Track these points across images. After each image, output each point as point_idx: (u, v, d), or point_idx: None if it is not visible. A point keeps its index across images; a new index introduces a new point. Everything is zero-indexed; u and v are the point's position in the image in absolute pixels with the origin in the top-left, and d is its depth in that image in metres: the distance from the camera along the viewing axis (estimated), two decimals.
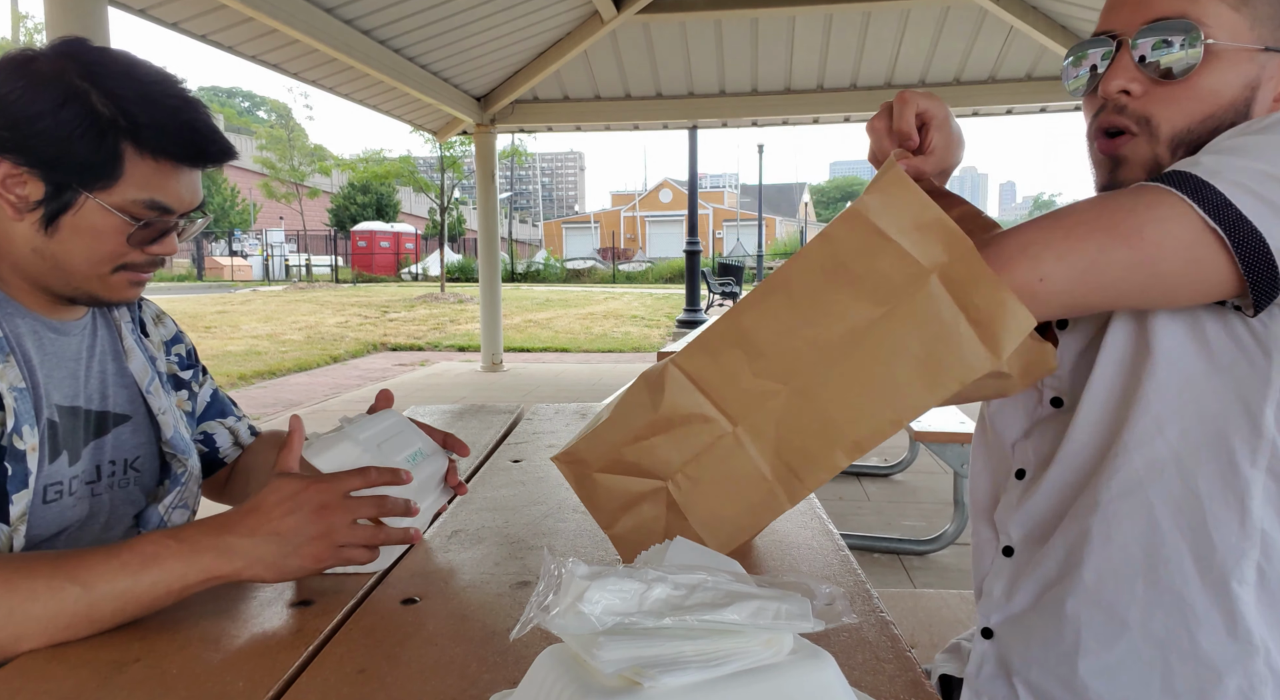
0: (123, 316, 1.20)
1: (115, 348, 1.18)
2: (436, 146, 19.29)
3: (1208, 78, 0.86)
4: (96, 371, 1.13)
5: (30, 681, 0.78)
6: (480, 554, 1.12)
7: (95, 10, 3.79)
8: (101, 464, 1.12)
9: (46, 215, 0.99)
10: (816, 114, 8.35)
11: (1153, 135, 0.89)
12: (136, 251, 1.05)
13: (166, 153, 1.02)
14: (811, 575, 1.00)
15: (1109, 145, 0.91)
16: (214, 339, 11.84)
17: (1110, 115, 0.90)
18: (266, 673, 0.79)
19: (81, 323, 1.13)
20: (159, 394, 1.19)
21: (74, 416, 1.09)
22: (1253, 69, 0.87)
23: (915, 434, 3.51)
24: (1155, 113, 0.88)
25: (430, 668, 0.81)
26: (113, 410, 1.14)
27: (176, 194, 1.04)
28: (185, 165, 1.04)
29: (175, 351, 1.29)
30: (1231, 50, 0.86)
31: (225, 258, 34.23)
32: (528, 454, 1.67)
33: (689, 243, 13.43)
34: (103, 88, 0.98)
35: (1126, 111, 0.89)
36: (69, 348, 1.11)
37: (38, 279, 1.04)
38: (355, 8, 5.47)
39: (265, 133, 32.89)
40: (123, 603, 0.85)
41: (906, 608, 1.63)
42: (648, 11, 6.89)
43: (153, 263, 1.08)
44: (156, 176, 1.02)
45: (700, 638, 0.52)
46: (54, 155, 0.97)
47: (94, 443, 1.11)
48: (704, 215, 50.38)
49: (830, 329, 0.81)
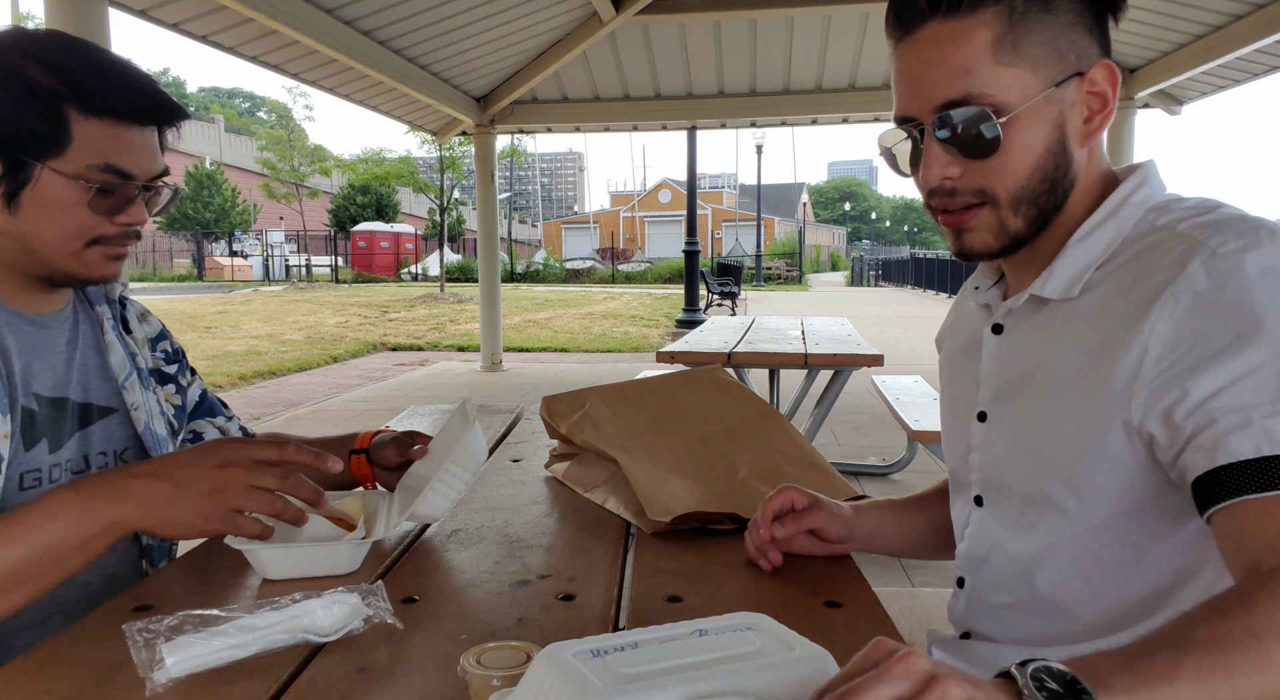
0: (105, 312, 1.21)
1: (98, 341, 1.19)
2: (436, 147, 19.29)
3: (1017, 140, 0.86)
4: (79, 364, 1.14)
5: (30, 681, 0.78)
6: (480, 553, 1.12)
7: (95, 11, 3.79)
8: (90, 454, 1.13)
9: (7, 193, 1.01)
10: (815, 115, 8.36)
11: (994, 203, 0.89)
12: (105, 222, 1.05)
13: (112, 112, 1.03)
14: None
15: (952, 219, 0.92)
16: (214, 339, 11.84)
17: (944, 198, 0.91)
18: (266, 672, 0.79)
19: (62, 315, 1.14)
20: (135, 389, 1.19)
21: (58, 407, 1.09)
22: (1053, 110, 0.87)
23: (913, 433, 3.51)
24: (985, 184, 0.88)
25: (430, 667, 0.81)
26: (96, 402, 1.15)
27: (132, 157, 1.05)
28: (134, 124, 1.05)
29: (160, 348, 1.30)
30: (1029, 106, 0.86)
31: (225, 258, 34.20)
32: (527, 454, 1.67)
33: (688, 243, 13.42)
34: (38, 60, 1.00)
35: (958, 193, 0.90)
36: (51, 340, 1.12)
37: (13, 265, 1.06)
38: (355, 9, 5.47)
39: (265, 133, 32.87)
40: (19, 564, 0.87)
41: (905, 606, 1.63)
42: (647, 12, 6.89)
43: (126, 235, 1.08)
44: (107, 139, 1.03)
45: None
46: (1, 132, 0.99)
47: (80, 433, 1.12)
48: (703, 215, 50.37)
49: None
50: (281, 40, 5.55)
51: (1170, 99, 7.68)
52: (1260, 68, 6.75)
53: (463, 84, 7.68)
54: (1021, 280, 0.98)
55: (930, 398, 4.24)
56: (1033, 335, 0.95)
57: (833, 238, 77.26)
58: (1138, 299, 0.84)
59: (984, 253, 0.93)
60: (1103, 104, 0.88)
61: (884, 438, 5.61)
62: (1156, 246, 0.85)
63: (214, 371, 8.81)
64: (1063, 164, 0.89)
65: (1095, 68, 0.87)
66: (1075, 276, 0.90)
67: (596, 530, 1.22)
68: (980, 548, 1.02)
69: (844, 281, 39.64)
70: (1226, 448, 0.74)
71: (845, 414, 6.15)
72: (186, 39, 5.14)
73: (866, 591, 1.01)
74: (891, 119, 0.94)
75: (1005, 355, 0.99)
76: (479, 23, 6.43)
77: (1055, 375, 0.91)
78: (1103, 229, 0.90)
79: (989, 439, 1.00)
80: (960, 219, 0.92)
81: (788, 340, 4.53)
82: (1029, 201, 0.89)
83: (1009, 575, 0.98)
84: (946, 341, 1.16)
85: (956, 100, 0.86)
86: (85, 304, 1.20)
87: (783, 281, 34.60)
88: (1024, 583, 0.96)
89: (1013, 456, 0.96)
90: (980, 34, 0.84)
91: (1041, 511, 0.93)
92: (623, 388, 1.53)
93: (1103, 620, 0.91)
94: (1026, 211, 0.90)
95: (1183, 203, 0.89)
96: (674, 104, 8.36)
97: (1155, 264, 0.84)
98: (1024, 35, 0.85)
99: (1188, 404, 0.78)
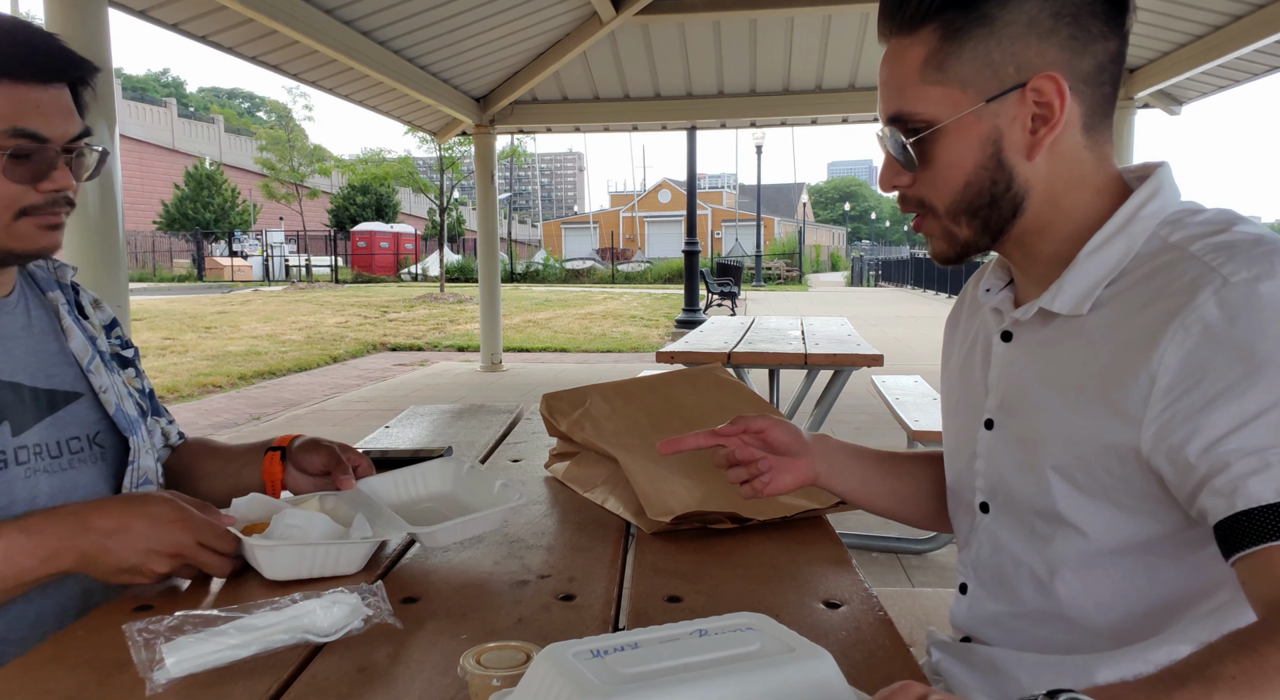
0: (58, 299, 1.19)
1: (54, 327, 1.17)
2: (436, 147, 19.29)
3: (945, 154, 0.89)
4: (35, 351, 1.13)
5: (30, 681, 0.78)
6: (480, 553, 1.12)
7: (95, 11, 3.79)
8: (62, 439, 1.12)
9: None
10: (815, 115, 8.35)
11: (934, 213, 0.93)
12: (30, 191, 1.03)
13: (8, 73, 1.00)
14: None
15: (915, 225, 0.97)
16: (214, 339, 11.84)
17: (901, 203, 0.97)
18: (266, 672, 0.79)
19: (10, 301, 1.13)
20: (100, 372, 1.18)
21: (15, 391, 1.08)
22: (984, 125, 0.87)
23: (913, 433, 3.51)
24: (925, 195, 0.93)
25: (430, 667, 0.81)
26: (60, 388, 1.14)
27: (42, 119, 1.02)
28: (37, 83, 1.02)
29: (115, 334, 1.29)
30: (954, 122, 0.87)
31: (225, 258, 34.19)
32: (527, 454, 1.67)
33: (687, 243, 13.43)
34: None
35: (908, 200, 0.95)
36: (1, 325, 1.10)
37: None
38: (355, 9, 5.47)
39: (265, 134, 32.85)
40: None
41: (905, 606, 1.63)
42: (646, 12, 6.89)
43: (55, 203, 1.05)
44: (11, 102, 1.00)
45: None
46: None
47: (49, 418, 1.11)
48: (702, 215, 50.37)
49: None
50: (281, 40, 5.55)
51: (1170, 99, 7.68)
52: (1260, 68, 6.75)
53: (462, 84, 7.68)
54: (1029, 288, 0.98)
55: (930, 398, 4.24)
56: (1040, 348, 0.94)
57: (832, 238, 77.26)
58: (1147, 324, 0.82)
59: (944, 258, 0.96)
60: (1049, 114, 0.86)
61: (884, 438, 5.60)
62: (1167, 268, 0.83)
63: (214, 371, 8.81)
64: (1000, 178, 0.89)
65: (1038, 79, 0.85)
66: (1085, 293, 0.89)
67: (596, 530, 1.22)
68: (988, 555, 1.01)
69: (844, 281, 39.64)
70: (1246, 492, 0.73)
71: (845, 414, 6.15)
72: (186, 39, 5.14)
73: (866, 591, 1.01)
74: None
75: (1013, 365, 0.98)
76: (479, 23, 6.43)
77: (1061, 393, 0.90)
78: (1113, 243, 0.88)
79: (995, 448, 0.99)
80: (916, 225, 0.97)
81: (787, 340, 4.53)
82: (967, 213, 0.91)
83: (1018, 584, 0.97)
84: (959, 333, 1.13)
85: (892, 116, 0.91)
86: (35, 290, 1.19)
87: (782, 281, 34.61)
88: (1034, 593, 0.95)
89: (1019, 469, 0.95)
90: (914, 53, 0.88)
91: (1054, 526, 0.92)
92: (624, 386, 1.53)
93: (1112, 631, 0.90)
94: (969, 222, 0.92)
95: (1196, 217, 0.87)
96: (674, 104, 8.36)
97: (1166, 287, 0.82)
98: (952, 54, 0.86)
99: (1199, 443, 0.76)
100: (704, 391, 1.51)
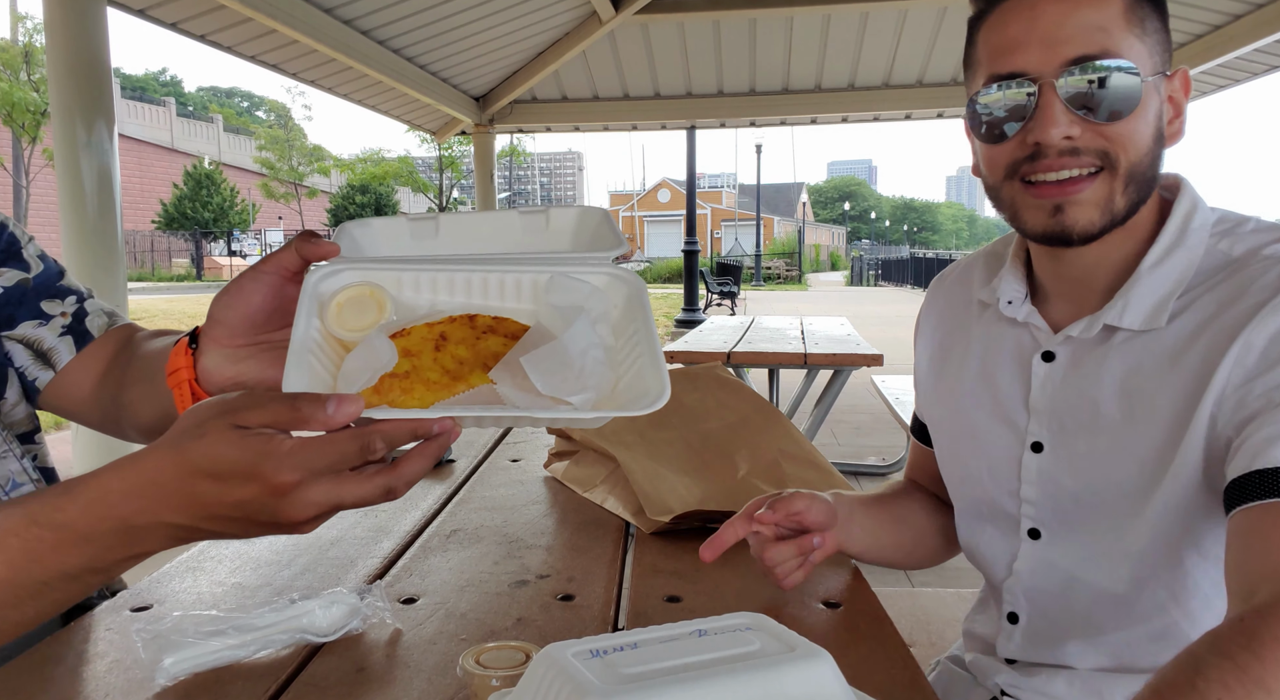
0: None
1: None
2: (435, 147, 19.28)
3: (1145, 110, 0.85)
4: None
5: (31, 681, 0.78)
6: (479, 553, 1.12)
7: (94, 10, 3.79)
8: None
9: None
10: (814, 114, 8.35)
11: (1113, 170, 0.85)
12: None
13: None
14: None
15: (1056, 190, 0.86)
16: None
17: (1060, 159, 0.85)
18: (266, 672, 0.79)
19: None
20: None
21: None
22: (1157, 98, 0.87)
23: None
24: (1110, 148, 0.85)
25: (429, 667, 0.81)
26: None
27: None
28: None
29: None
30: (1150, 81, 0.86)
31: (224, 257, 34.19)
32: (526, 453, 1.67)
33: (687, 242, 13.43)
34: None
35: (1081, 152, 0.85)
36: None
37: None
38: (354, 8, 5.46)
39: (264, 133, 32.87)
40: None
41: (904, 606, 1.64)
42: (646, 12, 6.88)
43: None
44: None
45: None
46: None
47: None
48: (702, 215, 50.36)
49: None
50: (280, 40, 5.54)
51: None
52: (1260, 67, 6.75)
53: (462, 83, 7.67)
54: (1060, 304, 0.96)
55: None
56: (1103, 363, 0.91)
57: (832, 237, 77.26)
58: (1233, 319, 0.82)
59: (1085, 232, 0.87)
60: (1176, 112, 0.89)
61: (883, 437, 5.61)
62: (1242, 270, 0.85)
63: None
64: (1158, 155, 0.88)
65: (1178, 74, 0.88)
66: (1159, 306, 0.88)
67: (595, 530, 1.21)
68: (1048, 582, 0.98)
69: (843, 281, 39.64)
70: (1269, 455, 0.74)
71: (845, 414, 6.15)
72: (185, 38, 5.13)
73: (866, 591, 1.01)
74: (986, 80, 0.88)
75: (1065, 384, 0.94)
76: (478, 22, 6.42)
77: (1141, 404, 0.88)
78: (1174, 257, 0.88)
79: (1052, 471, 0.95)
80: (1066, 189, 0.86)
81: (787, 340, 4.53)
82: (1138, 180, 0.87)
83: (1092, 607, 0.95)
84: (958, 343, 1.08)
85: (1093, 54, 0.83)
86: None
87: (782, 281, 34.61)
88: (1116, 614, 0.94)
89: (1090, 488, 0.92)
90: (1116, 1, 0.85)
91: (1128, 543, 0.90)
92: None
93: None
94: (1131, 193, 0.87)
95: (1244, 226, 0.89)
96: (673, 103, 8.36)
97: (1248, 286, 0.83)
98: (1147, 18, 0.86)
99: (1267, 382, 0.78)
100: (704, 390, 1.51)
